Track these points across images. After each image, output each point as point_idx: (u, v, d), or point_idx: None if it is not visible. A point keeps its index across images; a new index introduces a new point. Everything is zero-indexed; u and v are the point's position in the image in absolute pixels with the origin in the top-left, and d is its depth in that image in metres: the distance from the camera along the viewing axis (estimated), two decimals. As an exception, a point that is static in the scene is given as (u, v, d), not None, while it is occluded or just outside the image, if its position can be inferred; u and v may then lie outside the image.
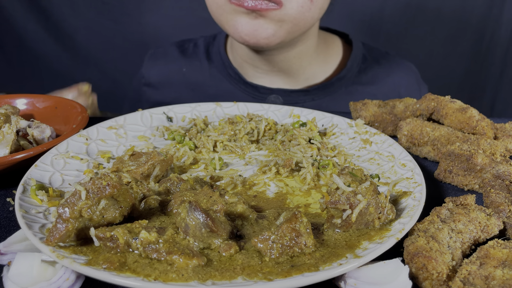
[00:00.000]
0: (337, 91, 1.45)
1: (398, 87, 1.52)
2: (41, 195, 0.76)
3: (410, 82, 1.56)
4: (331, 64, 1.51)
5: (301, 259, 0.63)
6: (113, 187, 0.65)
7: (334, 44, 1.54)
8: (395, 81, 1.53)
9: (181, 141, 1.04)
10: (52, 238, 0.62)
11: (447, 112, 1.03)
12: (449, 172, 0.92)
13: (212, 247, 0.64)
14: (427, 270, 0.61)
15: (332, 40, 1.54)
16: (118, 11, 2.39)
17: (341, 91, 1.46)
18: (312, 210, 0.79)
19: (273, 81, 1.45)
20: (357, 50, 1.50)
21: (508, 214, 0.76)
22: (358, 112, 1.16)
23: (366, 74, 1.50)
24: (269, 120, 1.09)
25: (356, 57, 1.49)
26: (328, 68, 1.50)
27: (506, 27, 2.35)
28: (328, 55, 1.50)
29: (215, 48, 1.53)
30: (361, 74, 1.49)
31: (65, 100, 1.14)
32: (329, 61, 1.51)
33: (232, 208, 0.71)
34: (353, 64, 1.48)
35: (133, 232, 0.63)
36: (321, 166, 0.93)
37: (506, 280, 0.59)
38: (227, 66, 1.48)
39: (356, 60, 1.49)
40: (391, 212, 0.72)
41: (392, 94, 1.50)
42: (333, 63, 1.51)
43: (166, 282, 0.57)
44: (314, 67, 1.47)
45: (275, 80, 1.45)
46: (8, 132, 0.93)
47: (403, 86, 1.53)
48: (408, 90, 1.53)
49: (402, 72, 1.56)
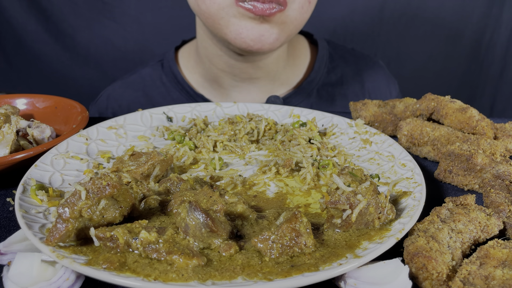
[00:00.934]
0: (310, 94, 1.44)
1: (367, 84, 1.52)
2: (41, 195, 0.76)
3: (378, 78, 1.55)
4: (300, 67, 1.48)
5: (301, 259, 0.63)
6: (113, 187, 0.65)
7: (300, 45, 1.51)
8: (364, 78, 1.53)
9: (181, 141, 1.04)
10: (52, 238, 0.62)
11: (447, 112, 1.03)
12: (449, 172, 0.92)
13: (212, 247, 0.64)
14: (427, 270, 0.61)
15: (297, 41, 1.51)
16: (118, 11, 2.39)
17: (313, 94, 1.44)
18: (312, 210, 0.79)
19: (249, 89, 1.40)
20: (323, 49, 1.49)
21: (508, 214, 0.76)
22: (358, 112, 1.16)
23: (336, 74, 1.48)
24: (269, 120, 1.09)
25: (323, 57, 1.48)
26: (298, 70, 1.47)
27: (506, 26, 2.36)
28: (296, 57, 1.47)
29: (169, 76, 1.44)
30: (330, 74, 1.48)
31: (65, 100, 1.14)
32: (298, 63, 1.48)
33: (232, 208, 0.71)
34: (321, 65, 1.46)
35: (133, 232, 0.63)
36: (321, 166, 0.93)
37: (506, 280, 0.59)
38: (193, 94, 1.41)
39: (323, 60, 1.47)
40: (391, 212, 0.72)
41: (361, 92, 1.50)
42: (301, 65, 1.48)
43: (166, 282, 0.57)
44: (286, 71, 1.45)
45: (251, 88, 1.40)
46: (8, 132, 0.93)
47: (371, 82, 1.52)
48: (377, 87, 1.52)
49: (370, 69, 1.55)
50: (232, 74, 1.36)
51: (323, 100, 1.44)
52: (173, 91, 1.44)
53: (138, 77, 1.50)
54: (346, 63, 1.52)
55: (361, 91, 1.50)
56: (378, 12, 2.38)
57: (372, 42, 2.45)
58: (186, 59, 1.48)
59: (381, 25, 2.41)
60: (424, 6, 2.36)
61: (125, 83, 1.51)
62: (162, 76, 1.47)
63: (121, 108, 1.46)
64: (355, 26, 2.40)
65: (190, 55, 1.47)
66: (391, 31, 2.43)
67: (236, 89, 1.41)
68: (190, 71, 1.46)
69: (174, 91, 1.43)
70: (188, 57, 1.48)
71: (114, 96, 1.49)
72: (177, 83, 1.43)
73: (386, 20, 2.40)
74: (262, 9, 1.10)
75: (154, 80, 1.47)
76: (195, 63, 1.44)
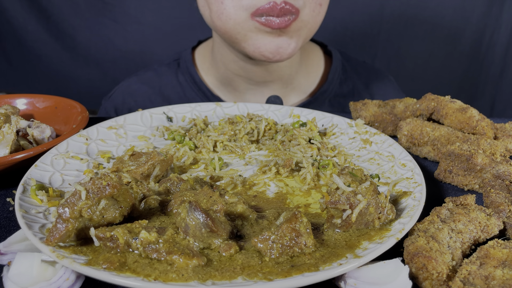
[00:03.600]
0: (323, 104, 1.46)
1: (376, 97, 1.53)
2: (41, 195, 0.76)
3: (387, 91, 1.57)
4: (314, 75, 1.50)
5: (301, 259, 0.63)
6: (113, 187, 0.65)
7: (313, 53, 1.53)
8: (373, 91, 1.54)
9: (181, 141, 1.04)
10: (52, 238, 0.62)
11: (447, 112, 1.03)
12: (449, 172, 0.92)
13: (212, 247, 0.64)
14: (427, 270, 0.61)
15: (311, 49, 1.53)
16: (118, 11, 2.39)
17: (325, 104, 1.46)
18: (312, 210, 0.79)
19: (263, 92, 1.42)
20: (337, 61, 1.51)
21: (508, 214, 0.76)
22: (358, 112, 1.16)
23: (348, 86, 1.50)
24: (269, 120, 1.09)
25: (337, 68, 1.49)
26: (311, 78, 1.49)
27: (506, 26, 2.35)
28: (309, 64, 1.49)
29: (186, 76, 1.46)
30: (343, 86, 1.49)
31: (65, 100, 1.14)
32: (311, 71, 1.50)
33: (232, 208, 0.71)
34: (334, 76, 1.48)
35: (133, 232, 0.63)
36: (321, 166, 0.93)
37: (506, 280, 0.59)
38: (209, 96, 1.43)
39: (337, 71, 1.49)
40: (391, 212, 0.72)
41: None
42: (315, 74, 1.50)
43: (166, 282, 0.57)
44: (299, 77, 1.46)
45: (265, 91, 1.42)
46: (8, 132, 0.93)
47: (381, 95, 1.53)
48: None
49: (380, 82, 1.57)
50: (247, 78, 1.38)
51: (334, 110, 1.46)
52: (189, 91, 1.45)
53: (155, 75, 1.50)
54: (358, 75, 1.54)
55: None
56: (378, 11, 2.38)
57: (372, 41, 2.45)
58: (202, 61, 1.49)
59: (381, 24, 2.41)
60: (424, 6, 2.36)
61: (141, 79, 1.51)
62: (178, 75, 1.48)
63: (137, 104, 1.47)
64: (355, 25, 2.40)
65: (205, 57, 1.48)
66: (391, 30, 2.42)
67: (250, 92, 1.42)
68: (206, 72, 1.47)
69: (190, 91, 1.45)
70: (203, 59, 1.49)
71: (129, 92, 1.49)
72: (194, 83, 1.44)
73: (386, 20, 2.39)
74: (279, 23, 1.12)
75: (171, 79, 1.48)
76: (210, 65, 1.46)
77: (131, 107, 1.46)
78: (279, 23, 1.12)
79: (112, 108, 1.49)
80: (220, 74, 1.43)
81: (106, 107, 1.51)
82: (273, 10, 1.10)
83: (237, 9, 1.14)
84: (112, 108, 1.49)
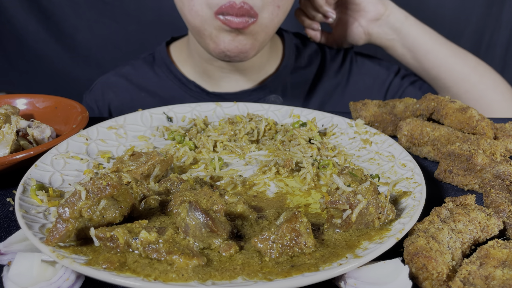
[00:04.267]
0: (285, 79, 1.54)
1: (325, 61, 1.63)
2: (41, 195, 0.76)
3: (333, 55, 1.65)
4: (274, 55, 1.57)
5: (301, 259, 0.63)
6: (113, 187, 0.65)
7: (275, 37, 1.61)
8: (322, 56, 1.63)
9: (181, 141, 1.04)
10: (52, 238, 0.62)
11: (447, 112, 1.03)
12: (449, 172, 0.92)
13: (212, 247, 0.64)
14: (427, 270, 0.61)
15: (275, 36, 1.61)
16: (118, 11, 2.39)
17: (287, 78, 1.54)
18: (312, 210, 0.79)
19: (237, 79, 1.50)
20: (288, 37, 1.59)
21: (508, 214, 0.75)
22: (358, 112, 1.16)
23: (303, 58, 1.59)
24: (269, 120, 1.09)
25: (290, 42, 1.58)
26: (273, 59, 1.56)
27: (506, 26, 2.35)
28: (270, 47, 1.57)
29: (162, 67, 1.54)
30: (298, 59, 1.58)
31: (65, 100, 1.14)
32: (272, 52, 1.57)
33: (232, 208, 0.71)
34: (290, 51, 1.56)
35: (133, 232, 0.63)
36: (321, 166, 0.93)
37: (506, 280, 0.59)
38: (185, 82, 1.50)
39: (290, 46, 1.57)
40: (391, 212, 0.72)
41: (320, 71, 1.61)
42: (275, 54, 1.57)
43: (166, 282, 0.57)
44: (270, 61, 1.55)
45: (239, 78, 1.50)
46: (8, 132, 0.93)
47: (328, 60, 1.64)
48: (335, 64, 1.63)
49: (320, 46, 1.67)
50: (220, 67, 1.46)
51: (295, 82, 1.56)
52: (165, 80, 1.53)
53: (131, 68, 1.59)
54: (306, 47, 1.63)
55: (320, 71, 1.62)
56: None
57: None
58: (178, 53, 1.57)
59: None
60: (424, 6, 2.36)
61: (118, 73, 1.59)
62: (154, 67, 1.56)
63: (116, 95, 1.55)
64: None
65: (182, 50, 1.57)
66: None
67: (225, 80, 1.50)
68: (182, 64, 1.55)
69: (167, 80, 1.53)
70: (179, 52, 1.57)
71: (108, 84, 1.58)
72: (170, 73, 1.52)
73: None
74: (237, 23, 1.19)
75: (147, 71, 1.56)
76: (187, 57, 1.54)
77: (110, 99, 1.55)
78: (237, 23, 1.19)
79: (93, 101, 1.57)
80: (195, 64, 1.51)
81: (87, 101, 1.59)
82: (232, 9, 1.17)
83: (203, 6, 1.22)
84: (93, 101, 1.57)
